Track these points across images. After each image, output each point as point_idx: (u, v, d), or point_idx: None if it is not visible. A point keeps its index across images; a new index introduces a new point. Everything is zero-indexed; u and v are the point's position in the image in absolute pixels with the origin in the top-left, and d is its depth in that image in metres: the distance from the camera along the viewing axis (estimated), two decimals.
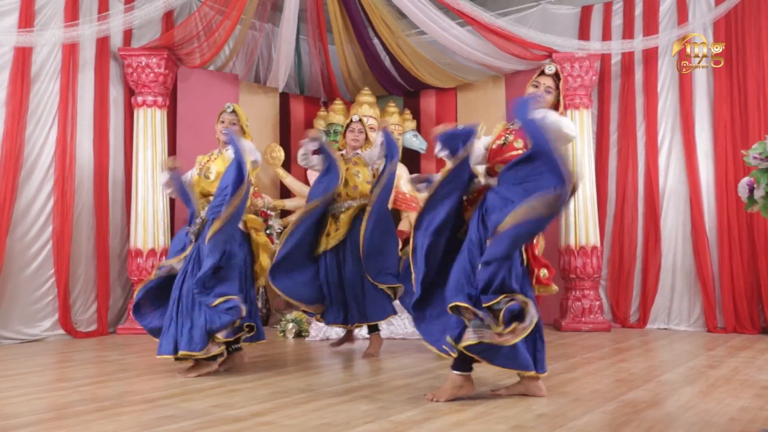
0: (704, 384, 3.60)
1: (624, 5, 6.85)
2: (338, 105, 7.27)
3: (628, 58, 6.76)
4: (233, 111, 4.30)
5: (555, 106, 3.40)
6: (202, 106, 6.89)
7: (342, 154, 4.80)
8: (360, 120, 4.91)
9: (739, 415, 2.87)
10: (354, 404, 3.13)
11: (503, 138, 3.38)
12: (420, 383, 3.67)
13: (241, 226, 4.07)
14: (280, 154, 7.30)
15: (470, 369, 3.22)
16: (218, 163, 4.17)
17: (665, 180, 6.53)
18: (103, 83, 6.26)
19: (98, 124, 6.20)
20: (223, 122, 4.28)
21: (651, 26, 6.64)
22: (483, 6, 7.20)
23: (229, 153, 4.10)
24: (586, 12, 7.06)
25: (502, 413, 2.93)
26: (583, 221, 6.36)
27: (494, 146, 3.39)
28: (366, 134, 4.88)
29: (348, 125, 4.91)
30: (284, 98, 7.78)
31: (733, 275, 6.05)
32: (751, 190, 2.42)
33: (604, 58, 6.83)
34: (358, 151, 4.86)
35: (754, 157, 2.28)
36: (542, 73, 3.43)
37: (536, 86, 3.40)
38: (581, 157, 6.39)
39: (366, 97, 7.13)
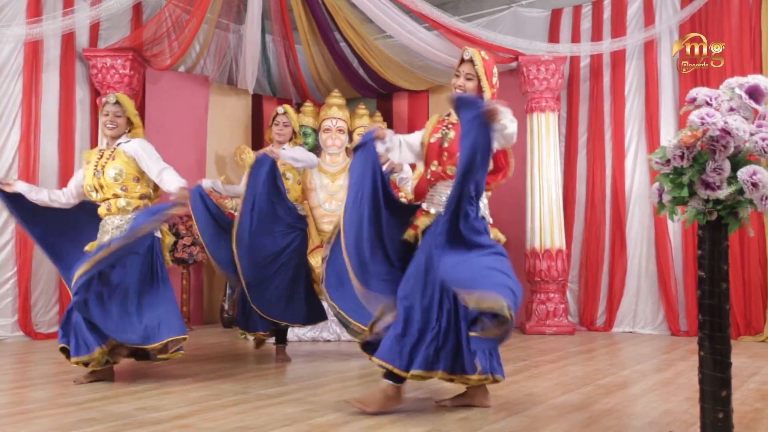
0: (641, 387, 3.58)
1: (593, 8, 6.85)
2: (308, 107, 7.23)
3: (596, 61, 6.75)
4: (117, 102, 3.83)
5: (480, 91, 3.20)
6: (172, 108, 6.90)
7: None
8: (285, 113, 4.63)
9: (660, 418, 2.85)
10: (280, 407, 3.11)
11: (441, 131, 3.24)
12: (360, 386, 3.65)
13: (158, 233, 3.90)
14: (250, 155, 7.24)
15: (403, 380, 2.99)
16: (120, 162, 3.78)
17: (631, 183, 6.51)
18: (69, 84, 6.24)
19: (63, 125, 6.17)
20: (106, 115, 3.83)
21: (619, 29, 6.62)
22: (455, 9, 7.19)
23: (129, 146, 3.81)
24: (555, 15, 7.05)
25: (422, 417, 2.92)
26: (548, 224, 6.34)
27: (432, 140, 3.24)
28: (293, 128, 4.63)
29: (273, 118, 4.64)
30: (256, 100, 7.77)
31: (697, 279, 6.02)
32: (660, 194, 2.41)
33: (573, 61, 6.83)
34: (286, 145, 4.58)
35: (656, 162, 2.27)
36: (462, 60, 3.27)
37: (457, 75, 3.25)
38: (546, 159, 6.39)
39: (335, 99, 7.09)
